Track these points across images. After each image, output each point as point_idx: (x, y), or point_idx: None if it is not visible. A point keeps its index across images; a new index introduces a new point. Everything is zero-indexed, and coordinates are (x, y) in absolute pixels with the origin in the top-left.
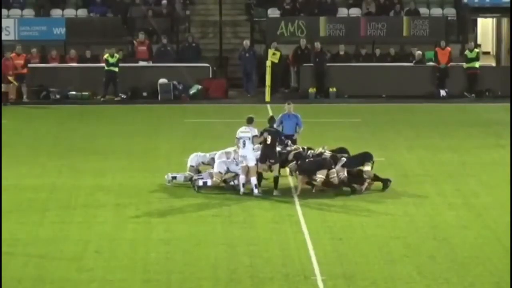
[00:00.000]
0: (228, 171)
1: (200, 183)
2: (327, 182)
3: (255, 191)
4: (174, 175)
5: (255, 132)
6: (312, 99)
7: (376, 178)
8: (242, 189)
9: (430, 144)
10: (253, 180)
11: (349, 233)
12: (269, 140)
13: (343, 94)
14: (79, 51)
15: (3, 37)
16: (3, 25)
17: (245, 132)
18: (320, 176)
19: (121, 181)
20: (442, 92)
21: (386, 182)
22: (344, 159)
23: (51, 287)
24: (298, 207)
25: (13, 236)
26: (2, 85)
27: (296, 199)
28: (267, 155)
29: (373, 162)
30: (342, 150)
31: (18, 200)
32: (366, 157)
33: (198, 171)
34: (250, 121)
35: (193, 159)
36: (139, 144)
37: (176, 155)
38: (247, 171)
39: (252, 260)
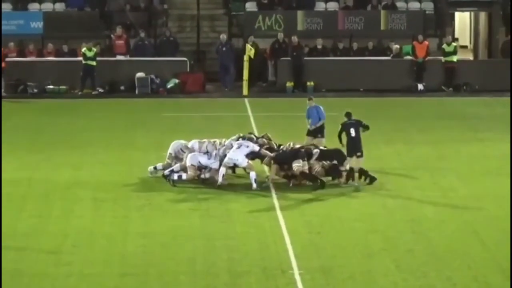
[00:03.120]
0: (200, 164)
1: (175, 177)
2: (303, 172)
3: (254, 185)
4: (155, 166)
5: (256, 147)
6: (290, 93)
7: (362, 172)
8: (221, 180)
9: (408, 138)
10: (252, 175)
11: (327, 226)
12: (353, 133)
13: (321, 88)
14: (57, 45)
15: None
16: None
17: (246, 143)
18: (296, 165)
19: (98, 175)
20: (420, 86)
21: (372, 178)
22: (317, 151)
23: (29, 281)
24: (275, 201)
25: None
26: None
27: (273, 193)
28: (354, 148)
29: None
30: (313, 147)
31: None
32: (341, 156)
33: (177, 159)
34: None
35: (172, 146)
36: (116, 138)
37: (153, 149)
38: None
39: (229, 254)
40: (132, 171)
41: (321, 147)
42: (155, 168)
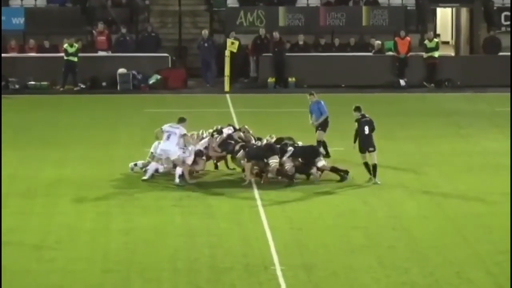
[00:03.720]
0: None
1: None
2: (279, 170)
3: (177, 180)
4: (135, 162)
5: (184, 131)
6: (271, 89)
7: (334, 169)
8: (177, 180)
9: (390, 134)
10: (178, 170)
11: (309, 223)
12: (367, 131)
13: (302, 84)
14: (38, 41)
15: None
16: None
17: (174, 128)
18: (273, 161)
19: (81, 172)
20: (402, 82)
21: (343, 175)
22: (291, 149)
23: (12, 278)
24: (257, 198)
25: None
26: None
27: (255, 190)
28: (366, 144)
29: (323, 155)
30: (290, 140)
31: None
32: (315, 154)
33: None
34: (181, 121)
35: (154, 145)
36: (98, 135)
37: (135, 145)
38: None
39: (212, 251)
40: (114, 167)
41: (299, 144)
42: (135, 164)
